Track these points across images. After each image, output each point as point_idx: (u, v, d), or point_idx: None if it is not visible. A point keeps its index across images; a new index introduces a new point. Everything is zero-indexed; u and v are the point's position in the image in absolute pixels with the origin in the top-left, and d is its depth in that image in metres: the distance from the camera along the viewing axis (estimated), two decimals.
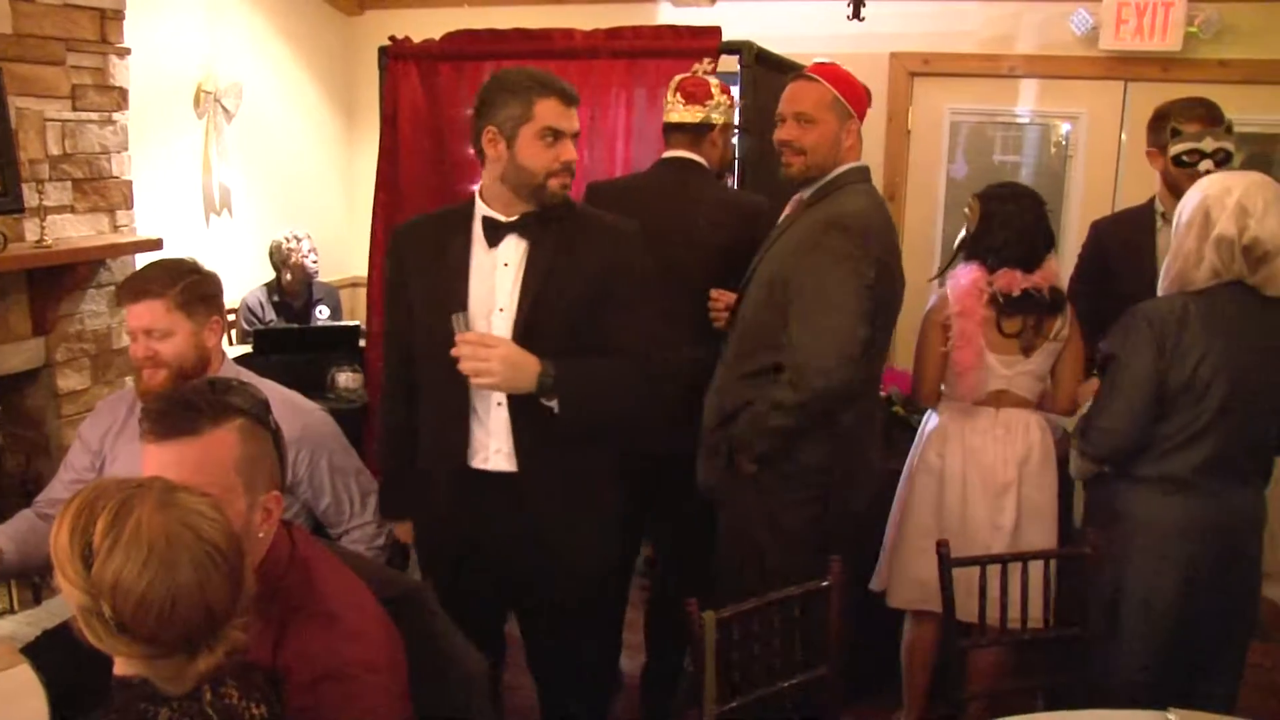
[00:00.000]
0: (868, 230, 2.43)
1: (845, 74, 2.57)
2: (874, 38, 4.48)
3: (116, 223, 3.69)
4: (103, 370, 3.67)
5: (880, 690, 3.24)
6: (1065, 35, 4.42)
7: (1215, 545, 2.32)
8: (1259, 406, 2.31)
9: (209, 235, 4.53)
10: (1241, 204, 2.24)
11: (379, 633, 1.59)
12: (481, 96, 2.24)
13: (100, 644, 1.25)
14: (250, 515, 1.55)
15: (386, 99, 3.75)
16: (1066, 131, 4.68)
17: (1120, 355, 2.32)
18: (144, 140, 3.95)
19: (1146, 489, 2.34)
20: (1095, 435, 2.38)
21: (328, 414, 2.63)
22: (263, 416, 1.62)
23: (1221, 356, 2.23)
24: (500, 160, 2.22)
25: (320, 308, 4.70)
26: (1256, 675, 3.29)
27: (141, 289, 2.34)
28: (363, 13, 5.37)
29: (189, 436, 1.53)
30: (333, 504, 2.55)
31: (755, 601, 2.10)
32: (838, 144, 2.53)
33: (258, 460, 1.58)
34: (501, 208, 2.26)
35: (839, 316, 2.36)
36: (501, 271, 2.27)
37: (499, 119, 2.20)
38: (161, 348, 2.33)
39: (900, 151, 4.73)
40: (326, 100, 5.35)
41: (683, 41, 3.45)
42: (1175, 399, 2.27)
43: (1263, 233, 2.23)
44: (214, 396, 1.59)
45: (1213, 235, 2.25)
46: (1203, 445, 2.28)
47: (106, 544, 1.23)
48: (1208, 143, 2.90)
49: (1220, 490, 2.32)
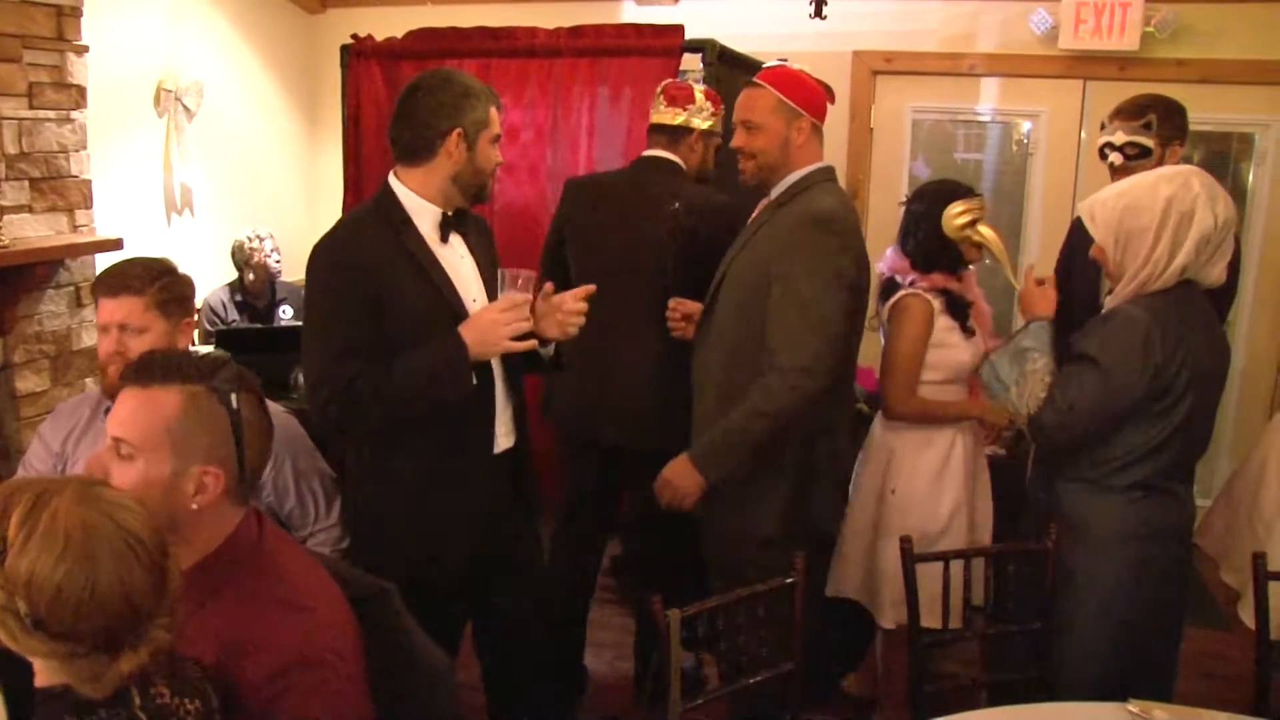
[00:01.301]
0: (847, 227, 2.45)
1: (792, 74, 2.54)
2: (836, 36, 4.51)
3: (75, 222, 3.65)
4: (62, 371, 3.63)
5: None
6: (1025, 35, 4.48)
7: (1175, 544, 2.35)
8: (1212, 404, 2.33)
9: (170, 235, 4.49)
10: (1203, 192, 2.18)
11: (348, 625, 1.59)
12: (440, 98, 2.23)
13: (15, 645, 1.22)
14: (177, 483, 1.52)
15: (349, 98, 3.74)
16: (1028, 130, 4.73)
17: (1102, 362, 2.23)
18: (103, 139, 3.91)
19: (1114, 497, 2.30)
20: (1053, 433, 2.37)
21: (292, 416, 2.62)
22: (225, 394, 1.57)
23: (1190, 360, 2.20)
24: (458, 161, 2.26)
25: (284, 308, 4.66)
26: (1215, 665, 3.35)
27: (121, 284, 2.32)
28: (325, 10, 5.34)
29: (137, 387, 1.55)
30: (297, 507, 2.53)
31: (719, 599, 2.11)
32: (786, 145, 2.52)
33: (198, 429, 1.54)
34: (444, 205, 2.31)
35: (822, 316, 2.37)
36: (463, 264, 2.34)
37: (466, 122, 2.24)
38: (132, 344, 2.32)
39: (863, 149, 4.77)
40: (288, 98, 5.31)
41: (646, 40, 3.46)
42: (1149, 407, 2.23)
43: (1230, 212, 2.21)
44: (182, 360, 1.59)
45: (1194, 233, 2.18)
46: (1170, 450, 2.26)
47: (21, 536, 1.20)
48: (1118, 135, 2.96)
49: (1178, 490, 2.35)
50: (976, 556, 2.38)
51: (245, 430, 1.58)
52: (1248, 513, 3.10)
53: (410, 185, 2.30)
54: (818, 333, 2.37)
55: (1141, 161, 2.92)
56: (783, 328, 2.40)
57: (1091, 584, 2.31)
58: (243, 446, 1.58)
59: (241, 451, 1.58)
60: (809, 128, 2.53)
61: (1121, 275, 2.28)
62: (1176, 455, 2.28)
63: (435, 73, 2.32)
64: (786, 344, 2.39)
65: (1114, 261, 2.28)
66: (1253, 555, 2.30)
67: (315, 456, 2.60)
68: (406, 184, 2.30)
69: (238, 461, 1.57)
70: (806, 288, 2.38)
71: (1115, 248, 2.26)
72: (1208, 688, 3.05)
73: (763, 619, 2.15)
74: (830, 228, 2.42)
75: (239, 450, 1.58)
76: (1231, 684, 3.09)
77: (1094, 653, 2.32)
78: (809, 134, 2.53)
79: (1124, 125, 2.97)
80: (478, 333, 2.22)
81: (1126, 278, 2.26)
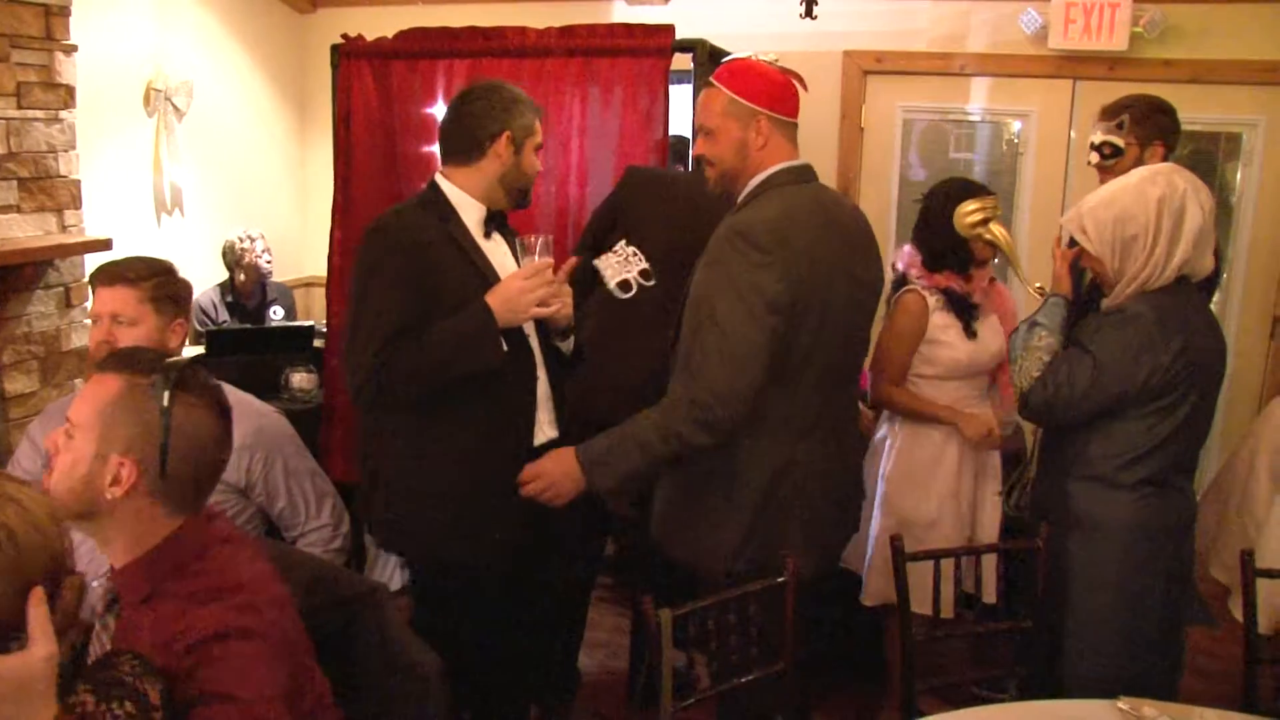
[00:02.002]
0: (778, 239, 2.14)
1: (744, 68, 2.28)
2: (827, 36, 4.52)
3: (64, 223, 3.64)
4: (51, 372, 3.62)
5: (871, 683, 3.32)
6: (1015, 34, 4.48)
7: (1181, 541, 2.36)
8: (1213, 400, 2.35)
9: (160, 235, 4.47)
10: (1188, 188, 2.23)
11: (273, 613, 1.51)
12: (491, 102, 2.41)
13: None
14: (97, 467, 1.51)
15: (339, 98, 3.72)
16: (1018, 129, 4.74)
17: (1098, 356, 2.27)
18: (93, 139, 3.90)
19: (1123, 494, 2.31)
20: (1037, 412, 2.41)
21: (282, 416, 2.62)
22: (159, 391, 1.53)
23: (1194, 356, 2.23)
24: (506, 163, 2.42)
25: (275, 308, 4.66)
26: (1204, 661, 3.36)
27: (117, 275, 2.38)
28: (315, 10, 5.33)
29: (96, 372, 1.59)
30: (287, 507, 2.53)
31: (711, 599, 2.12)
32: (744, 147, 2.26)
33: (125, 418, 1.52)
34: (488, 203, 2.45)
35: (738, 340, 2.11)
36: (507, 258, 2.48)
37: (515, 126, 2.42)
38: (123, 335, 2.36)
39: (853, 149, 4.77)
40: (279, 98, 5.30)
41: (636, 40, 3.46)
42: (1151, 402, 2.25)
43: (1210, 202, 2.27)
44: (142, 353, 1.62)
45: (1188, 228, 2.22)
46: (1174, 446, 2.28)
47: None
48: (1096, 135, 3.02)
49: (1184, 486, 2.37)
50: (966, 555, 2.39)
51: (175, 434, 1.53)
52: (1237, 508, 3.11)
53: (457, 182, 2.45)
54: (731, 361, 2.11)
55: (1115, 161, 2.96)
56: (698, 347, 2.16)
57: (1103, 581, 2.33)
58: (167, 448, 1.52)
59: (165, 453, 1.52)
60: (769, 125, 2.25)
61: (1120, 280, 2.30)
62: (1180, 451, 2.31)
63: (486, 81, 2.52)
64: (698, 366, 2.15)
65: (1112, 269, 2.31)
66: (1241, 553, 2.31)
67: (305, 456, 2.60)
68: (453, 181, 2.45)
69: (160, 462, 1.52)
70: (722, 307, 2.13)
71: (1113, 256, 2.29)
72: (1196, 684, 3.06)
73: (754, 618, 2.15)
74: (752, 241, 2.13)
75: (163, 451, 1.52)
76: (1220, 679, 3.10)
77: (1103, 650, 2.33)
78: (770, 132, 2.25)
79: (1101, 125, 3.03)
80: (504, 300, 2.32)
81: (1125, 280, 2.29)
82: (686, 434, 2.15)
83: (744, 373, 2.12)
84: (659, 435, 2.17)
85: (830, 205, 2.31)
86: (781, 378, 2.19)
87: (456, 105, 2.46)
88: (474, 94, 2.45)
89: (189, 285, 2.54)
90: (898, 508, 2.97)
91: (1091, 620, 2.34)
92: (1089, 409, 2.30)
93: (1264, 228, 4.48)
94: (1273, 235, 4.47)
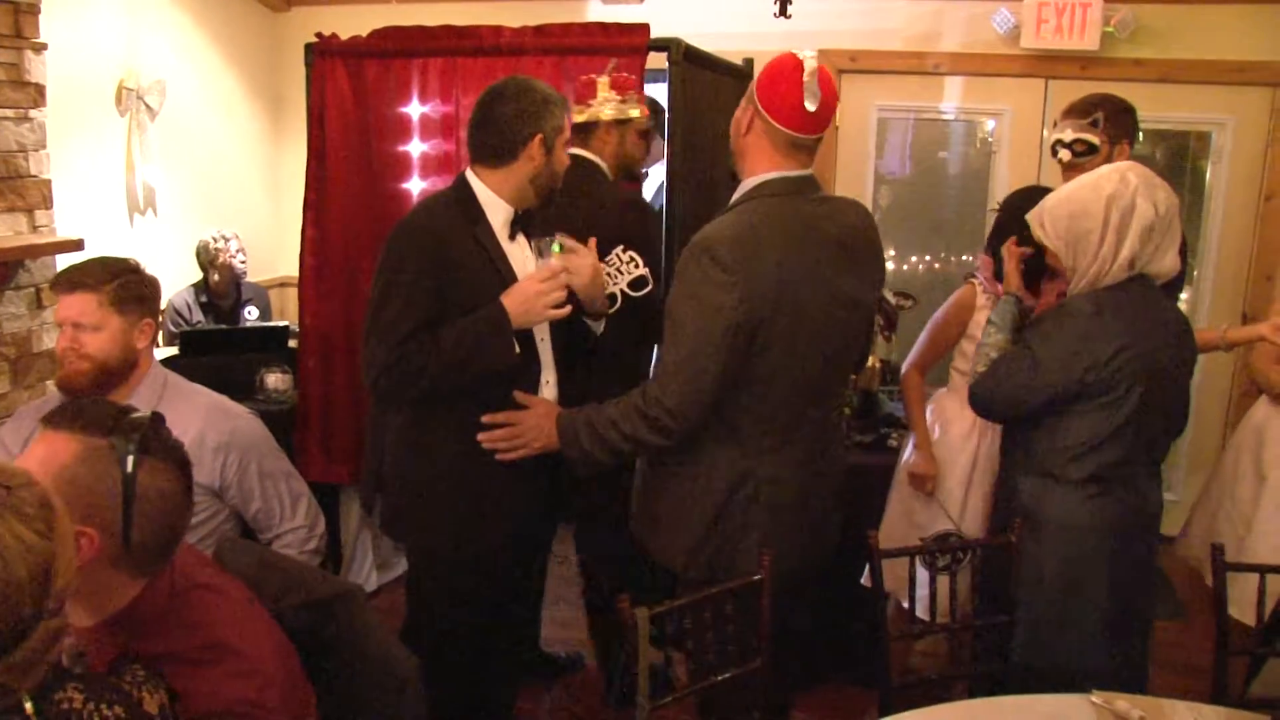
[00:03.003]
0: (742, 256, 2.10)
1: (778, 62, 2.20)
2: (802, 35, 4.50)
3: (35, 223, 3.60)
4: (22, 374, 3.58)
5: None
6: (988, 34, 4.52)
7: (1136, 539, 2.37)
8: (1168, 399, 2.36)
9: (133, 235, 4.44)
10: (1140, 184, 2.27)
11: (273, 667, 1.49)
12: (523, 105, 2.38)
13: None
14: None
15: (313, 97, 3.70)
16: (992, 128, 4.77)
17: (1038, 353, 2.32)
18: (64, 138, 3.86)
19: (1068, 490, 2.35)
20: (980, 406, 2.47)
21: (257, 418, 2.61)
22: (123, 455, 1.43)
23: (1138, 355, 2.25)
24: (538, 165, 2.42)
25: (249, 308, 4.63)
26: (1173, 654, 3.39)
27: (76, 281, 2.36)
28: (289, 9, 5.30)
29: (48, 429, 1.46)
30: (262, 509, 2.53)
31: (688, 597, 2.12)
32: (737, 126, 2.25)
33: (83, 486, 1.41)
34: (517, 204, 2.46)
35: (700, 353, 2.11)
36: (528, 263, 2.49)
37: (547, 128, 2.40)
38: (87, 341, 2.34)
39: (829, 147, 4.79)
40: (252, 97, 5.27)
41: (611, 38, 3.45)
42: (1093, 398, 2.28)
43: (1171, 200, 2.30)
44: (97, 410, 1.49)
45: (1135, 224, 2.26)
46: (1120, 443, 2.31)
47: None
48: (1067, 133, 3.04)
49: (1139, 484, 2.37)
50: (938, 552, 2.40)
51: (140, 500, 1.43)
52: (1227, 514, 3.13)
53: (487, 182, 2.44)
54: (688, 377, 2.12)
55: (1088, 158, 2.99)
56: (665, 355, 2.18)
57: (1049, 576, 2.35)
58: (131, 516, 1.42)
59: (129, 522, 1.42)
60: (752, 121, 2.21)
61: (1074, 275, 2.35)
62: (1130, 449, 2.32)
63: (516, 81, 2.47)
64: (660, 374, 2.18)
65: (1068, 266, 2.36)
66: (1211, 546, 2.34)
67: (280, 458, 2.60)
68: (483, 180, 2.44)
69: (123, 530, 1.42)
70: (686, 323, 2.14)
71: (1068, 252, 2.34)
72: (1167, 678, 3.09)
73: (730, 616, 2.15)
74: (717, 259, 2.10)
75: (126, 519, 1.42)
76: (1191, 674, 3.13)
77: (1052, 645, 2.35)
78: (753, 128, 2.22)
79: (1073, 123, 3.04)
80: (519, 302, 2.36)
81: (1077, 276, 2.34)
82: (642, 438, 2.20)
83: (698, 389, 2.13)
84: (619, 434, 2.23)
85: (821, 219, 2.24)
86: (749, 390, 2.19)
87: (487, 106, 2.42)
88: (505, 95, 2.41)
89: (155, 283, 2.51)
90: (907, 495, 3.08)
91: (1035, 614, 2.36)
92: (1030, 404, 2.34)
93: (1233, 226, 4.53)
94: (1242, 233, 4.52)
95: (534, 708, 3.38)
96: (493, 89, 2.45)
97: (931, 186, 4.98)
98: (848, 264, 2.25)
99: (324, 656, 1.73)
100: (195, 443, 2.44)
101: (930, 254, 4.96)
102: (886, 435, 3.41)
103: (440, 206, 2.47)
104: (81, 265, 2.42)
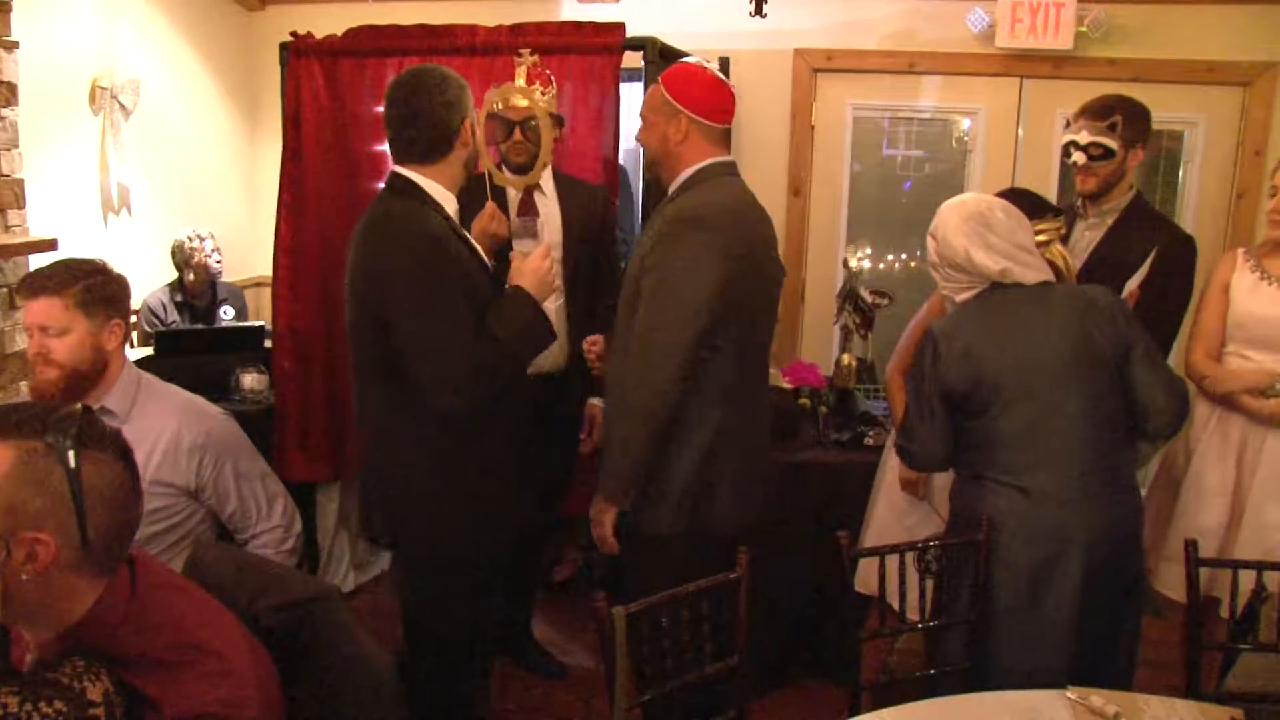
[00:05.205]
0: (724, 224, 2.40)
1: (684, 72, 2.50)
2: (777, 34, 4.55)
3: (7, 223, 3.57)
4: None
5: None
6: (963, 33, 4.55)
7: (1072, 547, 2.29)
8: (1042, 402, 2.31)
9: (108, 235, 4.40)
10: (946, 209, 2.46)
11: (246, 664, 1.48)
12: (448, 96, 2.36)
13: None
14: (4, 549, 1.34)
15: (289, 96, 3.69)
16: (967, 126, 4.80)
17: (912, 376, 2.44)
18: (36, 138, 3.83)
19: (967, 487, 2.43)
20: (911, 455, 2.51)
21: (232, 418, 2.60)
22: (62, 452, 1.38)
23: (990, 366, 2.30)
24: (470, 148, 2.45)
25: (225, 308, 4.60)
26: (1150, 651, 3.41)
27: (40, 285, 2.33)
28: (264, 8, 5.27)
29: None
30: (238, 509, 2.52)
31: (665, 595, 2.13)
32: (665, 141, 2.49)
33: (28, 491, 1.35)
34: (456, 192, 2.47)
35: (690, 306, 2.34)
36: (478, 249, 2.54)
37: (469, 111, 2.42)
38: (55, 345, 2.31)
39: (805, 146, 4.81)
40: (227, 97, 5.24)
41: (586, 38, 3.46)
42: (960, 404, 2.35)
43: (980, 206, 2.43)
44: (23, 412, 1.42)
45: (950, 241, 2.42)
46: (999, 447, 2.32)
47: None
48: (1083, 135, 2.93)
49: (1046, 486, 2.30)
50: (909, 551, 2.41)
51: (89, 495, 1.39)
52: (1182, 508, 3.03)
53: (430, 177, 2.39)
54: (683, 323, 2.33)
55: (1104, 163, 2.91)
56: (654, 309, 2.36)
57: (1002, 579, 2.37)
58: (84, 513, 1.38)
59: (83, 518, 1.38)
60: (688, 125, 2.47)
61: None
62: (1015, 454, 2.32)
63: (427, 71, 2.39)
64: (652, 326, 2.36)
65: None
66: (1185, 542, 2.35)
67: (256, 458, 2.59)
68: (427, 176, 2.39)
69: (79, 529, 1.38)
70: (679, 276, 2.35)
71: (935, 270, 2.51)
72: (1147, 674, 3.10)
73: (706, 615, 2.16)
74: (700, 224, 2.37)
75: (79, 517, 1.38)
76: (1164, 669, 3.16)
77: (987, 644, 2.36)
78: (689, 131, 2.47)
79: (1089, 125, 2.93)
80: (535, 284, 2.40)
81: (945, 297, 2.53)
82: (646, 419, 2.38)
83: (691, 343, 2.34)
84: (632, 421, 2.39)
85: (753, 199, 2.56)
86: (716, 348, 2.40)
87: (408, 103, 2.34)
88: (426, 88, 2.33)
89: (123, 282, 2.47)
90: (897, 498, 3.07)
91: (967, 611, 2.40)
92: (918, 409, 2.41)
93: (1204, 223, 4.57)
94: (1213, 230, 4.57)
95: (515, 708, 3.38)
96: (407, 85, 2.36)
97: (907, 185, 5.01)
98: (771, 241, 2.62)
99: (301, 657, 1.72)
100: (171, 443, 2.43)
101: (906, 253, 4.99)
102: (863, 434, 3.41)
103: (409, 209, 2.35)
104: (45, 269, 2.38)
